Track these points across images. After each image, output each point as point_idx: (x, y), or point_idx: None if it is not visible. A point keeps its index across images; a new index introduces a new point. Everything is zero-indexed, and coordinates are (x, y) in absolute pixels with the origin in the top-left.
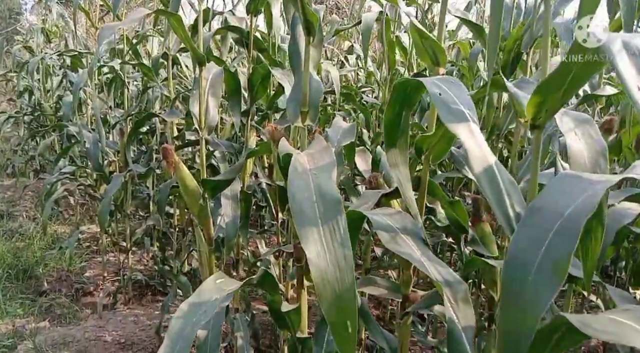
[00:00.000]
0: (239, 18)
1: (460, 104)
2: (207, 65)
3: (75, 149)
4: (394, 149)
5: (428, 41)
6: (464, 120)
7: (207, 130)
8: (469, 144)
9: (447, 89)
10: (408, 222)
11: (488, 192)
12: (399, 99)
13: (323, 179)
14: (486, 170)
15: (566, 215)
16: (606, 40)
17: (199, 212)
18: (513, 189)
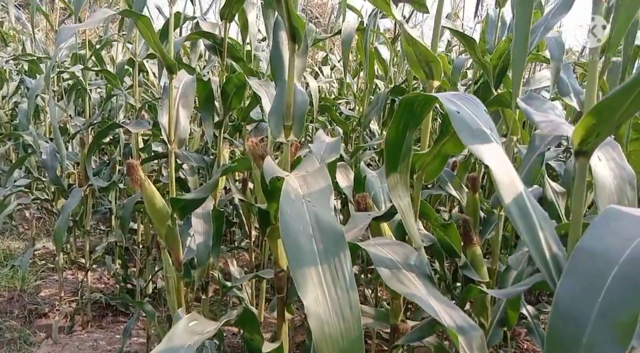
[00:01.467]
0: (211, 24)
1: (481, 123)
2: (178, 73)
3: (32, 159)
4: (395, 173)
5: (421, 52)
6: (488, 143)
7: (178, 144)
8: (496, 170)
9: (464, 106)
10: (411, 256)
11: (520, 226)
12: (405, 116)
13: (320, 208)
14: (517, 201)
15: (622, 261)
16: None
17: (166, 234)
18: (546, 224)
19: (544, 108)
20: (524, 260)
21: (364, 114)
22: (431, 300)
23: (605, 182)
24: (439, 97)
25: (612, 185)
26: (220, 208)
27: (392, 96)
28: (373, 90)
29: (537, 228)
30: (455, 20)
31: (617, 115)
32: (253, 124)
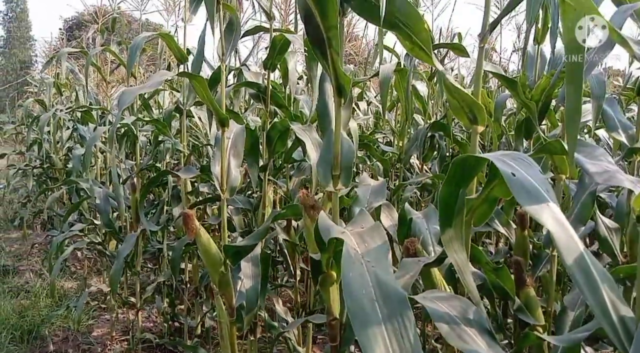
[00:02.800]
0: (254, 73)
1: (537, 184)
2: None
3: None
4: (449, 229)
5: (464, 99)
6: (546, 204)
7: (229, 192)
8: (556, 232)
9: (518, 167)
10: (470, 310)
11: (585, 289)
12: (456, 177)
13: (381, 269)
14: (579, 262)
15: None
16: None
17: (219, 280)
18: (609, 284)
19: (596, 155)
20: (580, 301)
21: (404, 150)
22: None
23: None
24: (491, 159)
25: None
26: (265, 250)
27: (432, 132)
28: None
29: (601, 290)
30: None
31: None
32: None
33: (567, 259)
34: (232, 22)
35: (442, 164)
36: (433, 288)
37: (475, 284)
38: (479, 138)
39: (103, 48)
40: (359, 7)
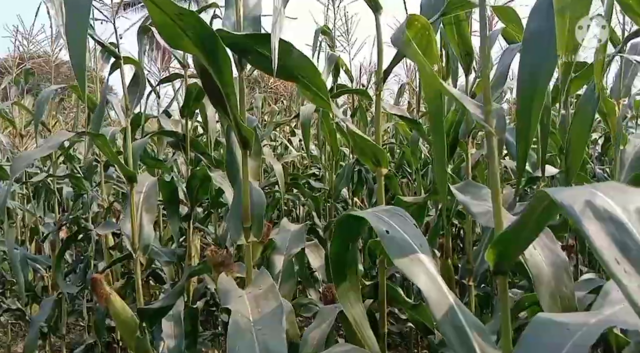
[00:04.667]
0: (175, 121)
1: (411, 239)
2: (140, 178)
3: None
4: (344, 283)
5: (366, 143)
6: (417, 259)
7: (142, 250)
8: (426, 288)
9: (393, 223)
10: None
11: (455, 343)
12: (343, 235)
13: (272, 336)
14: (449, 316)
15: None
16: (565, 198)
17: (136, 346)
18: (479, 332)
19: (481, 195)
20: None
21: (334, 186)
22: None
23: (542, 272)
24: (367, 217)
25: (549, 272)
26: (193, 305)
27: (358, 166)
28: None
29: (471, 340)
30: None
31: (523, 241)
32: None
33: (436, 314)
34: (137, 76)
35: (371, 194)
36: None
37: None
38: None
39: (13, 102)
40: (256, 61)
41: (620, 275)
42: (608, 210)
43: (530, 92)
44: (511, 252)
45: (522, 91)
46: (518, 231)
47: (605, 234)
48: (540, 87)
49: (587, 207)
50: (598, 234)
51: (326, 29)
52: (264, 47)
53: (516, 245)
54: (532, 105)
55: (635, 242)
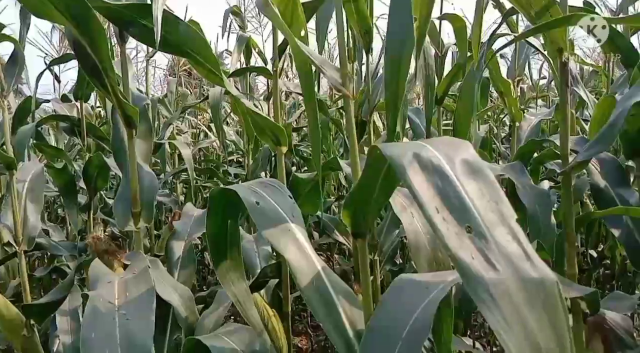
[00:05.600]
0: (70, 105)
1: (282, 209)
2: (25, 165)
3: None
4: (225, 262)
5: (265, 122)
6: (287, 230)
7: (27, 243)
8: (293, 257)
9: (266, 194)
10: (256, 342)
11: (319, 311)
12: (220, 210)
13: (136, 322)
14: (314, 283)
15: (404, 335)
16: (394, 152)
17: (24, 346)
18: (350, 301)
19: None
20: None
21: (250, 171)
22: None
23: (419, 238)
24: (237, 189)
25: (426, 240)
26: None
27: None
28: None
29: (337, 308)
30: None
31: (373, 202)
32: None
33: (301, 282)
34: (15, 54)
35: (288, 181)
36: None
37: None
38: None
39: None
40: (139, 35)
41: (439, 223)
42: (434, 161)
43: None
44: (365, 213)
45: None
46: (365, 190)
47: (429, 184)
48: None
49: (414, 159)
50: (421, 184)
51: (237, 10)
52: (146, 18)
53: (368, 207)
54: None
55: (455, 191)
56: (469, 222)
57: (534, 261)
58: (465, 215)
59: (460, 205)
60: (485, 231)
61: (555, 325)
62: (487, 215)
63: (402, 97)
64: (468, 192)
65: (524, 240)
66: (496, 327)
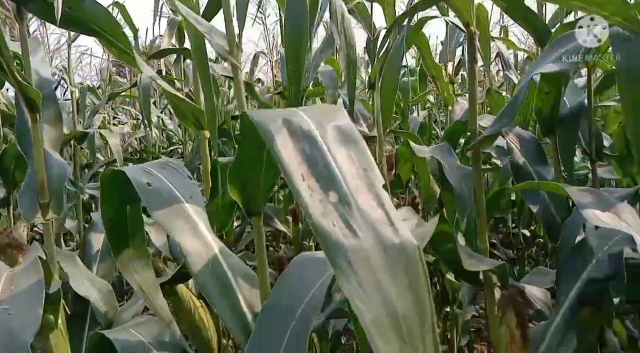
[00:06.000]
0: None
1: (177, 190)
2: None
3: None
4: (127, 250)
5: (186, 106)
6: (180, 211)
7: None
8: (184, 240)
9: (160, 175)
10: (165, 333)
11: (214, 296)
12: (115, 194)
13: (19, 316)
14: (210, 267)
15: (300, 312)
16: (263, 118)
17: None
18: (248, 282)
19: None
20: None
21: (188, 161)
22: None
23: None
24: (126, 170)
25: None
26: None
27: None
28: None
29: (235, 292)
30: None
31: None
32: None
33: (194, 266)
34: None
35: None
36: (180, 307)
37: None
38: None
39: None
40: (39, 11)
41: (302, 191)
42: (304, 127)
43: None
44: (254, 190)
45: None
46: (246, 164)
47: (297, 151)
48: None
49: (283, 126)
50: (289, 151)
51: None
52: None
53: (256, 183)
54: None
55: (324, 157)
56: (335, 189)
57: (397, 227)
58: (332, 183)
59: (327, 172)
60: (350, 198)
61: (416, 290)
62: (354, 182)
63: (304, 71)
64: (337, 159)
65: (389, 206)
66: (352, 295)
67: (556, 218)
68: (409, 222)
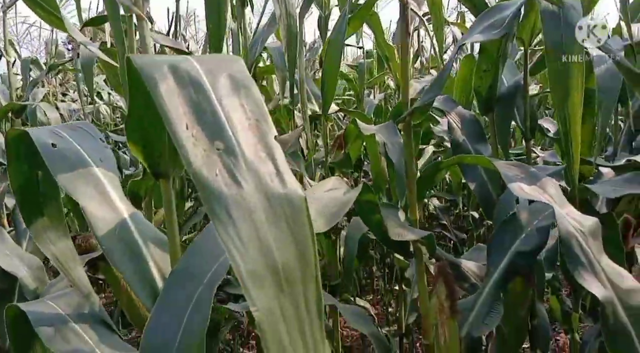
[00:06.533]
0: None
1: (86, 153)
2: None
3: None
4: (41, 219)
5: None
6: (87, 174)
7: None
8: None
9: (69, 137)
10: (85, 305)
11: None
12: (23, 158)
13: None
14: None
15: (208, 277)
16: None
17: None
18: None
19: None
20: None
21: None
22: (100, 350)
23: None
24: (32, 132)
25: None
26: None
27: None
28: None
29: (144, 256)
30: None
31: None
32: None
33: (99, 231)
34: None
35: None
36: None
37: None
38: None
39: None
40: None
41: (185, 140)
42: (192, 74)
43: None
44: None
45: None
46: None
47: (182, 99)
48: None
49: (170, 72)
50: (173, 99)
51: None
52: None
53: (158, 138)
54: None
55: (211, 106)
56: (222, 139)
57: (285, 178)
58: (218, 132)
59: (214, 121)
60: (236, 148)
61: (300, 241)
62: (243, 132)
63: (222, 41)
64: (226, 108)
65: (279, 158)
66: (229, 245)
67: (492, 195)
68: (336, 191)
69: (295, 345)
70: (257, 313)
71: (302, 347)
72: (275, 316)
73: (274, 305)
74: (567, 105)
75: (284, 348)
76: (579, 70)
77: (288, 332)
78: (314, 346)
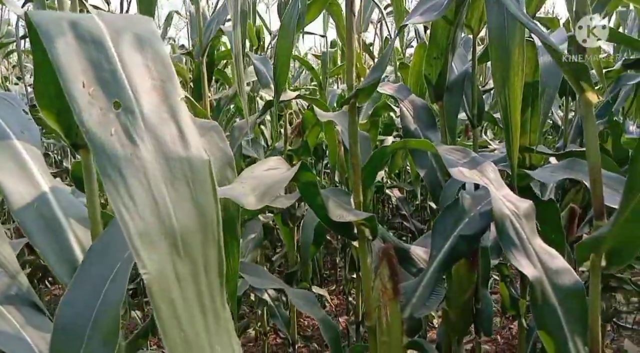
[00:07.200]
0: None
1: (7, 126)
2: None
3: None
4: None
5: None
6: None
7: None
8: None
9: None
10: (13, 287)
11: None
12: None
13: None
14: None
15: (127, 255)
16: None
17: None
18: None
19: None
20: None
21: None
22: (26, 331)
23: None
24: None
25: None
26: None
27: None
28: None
29: (66, 233)
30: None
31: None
32: None
33: (14, 205)
34: None
35: None
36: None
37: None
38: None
39: None
40: None
41: (80, 98)
42: (94, 32)
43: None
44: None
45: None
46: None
47: (81, 56)
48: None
49: (69, 28)
50: (70, 56)
51: None
52: None
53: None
54: None
55: (111, 64)
56: (121, 97)
57: (188, 141)
58: (117, 91)
59: (113, 80)
60: (135, 108)
61: (200, 204)
62: (146, 92)
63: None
64: (129, 67)
65: (184, 121)
66: (117, 204)
67: (440, 181)
68: (275, 170)
69: (190, 309)
70: (146, 275)
71: (199, 311)
72: (167, 279)
73: (168, 267)
74: (508, 90)
75: (176, 312)
76: (519, 56)
77: (183, 296)
78: (213, 309)
